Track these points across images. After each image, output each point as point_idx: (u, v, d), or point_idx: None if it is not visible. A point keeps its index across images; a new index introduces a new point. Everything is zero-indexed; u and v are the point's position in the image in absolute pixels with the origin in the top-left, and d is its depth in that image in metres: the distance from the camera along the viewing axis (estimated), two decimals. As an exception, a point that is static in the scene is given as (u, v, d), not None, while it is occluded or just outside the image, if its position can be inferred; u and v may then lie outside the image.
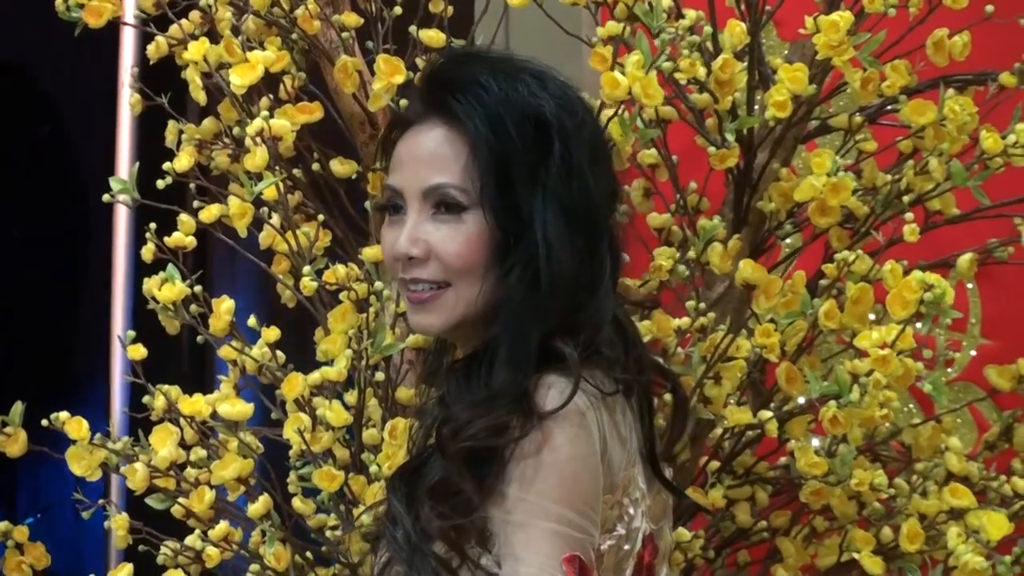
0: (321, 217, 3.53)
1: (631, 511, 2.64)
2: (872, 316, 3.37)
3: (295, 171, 3.52)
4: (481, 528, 2.55)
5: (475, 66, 2.78)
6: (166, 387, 3.41)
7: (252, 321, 3.45)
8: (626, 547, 2.63)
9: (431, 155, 2.69)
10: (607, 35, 3.40)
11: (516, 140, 2.65)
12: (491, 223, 2.64)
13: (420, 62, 3.41)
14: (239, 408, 3.36)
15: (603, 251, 2.72)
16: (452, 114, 2.69)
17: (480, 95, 2.68)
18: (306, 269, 3.40)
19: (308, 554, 3.46)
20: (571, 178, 2.67)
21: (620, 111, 3.27)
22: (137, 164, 3.62)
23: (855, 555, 3.45)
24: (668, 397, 3.06)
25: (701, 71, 3.44)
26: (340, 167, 3.53)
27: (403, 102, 2.88)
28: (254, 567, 3.42)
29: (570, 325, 2.63)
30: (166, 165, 3.53)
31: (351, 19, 3.54)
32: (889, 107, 3.56)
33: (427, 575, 2.59)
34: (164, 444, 3.38)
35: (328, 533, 3.45)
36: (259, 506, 3.40)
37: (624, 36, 3.38)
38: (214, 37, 3.51)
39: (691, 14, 3.46)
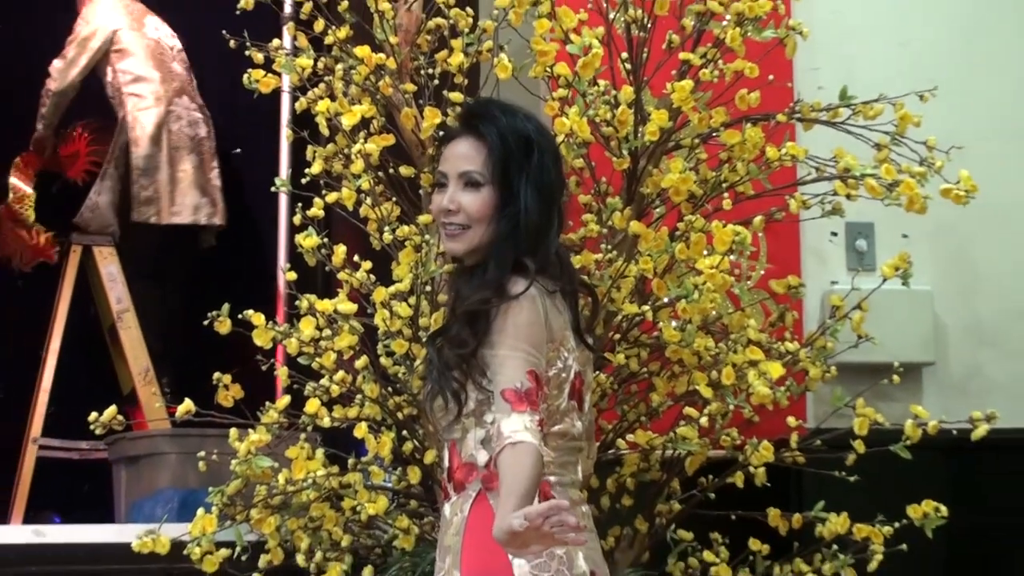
0: (394, 199, 3.54)
1: (565, 355, 2.68)
2: (705, 252, 3.34)
3: (379, 173, 3.51)
4: (481, 364, 2.60)
5: (492, 107, 2.85)
6: (308, 295, 3.41)
7: (356, 257, 3.45)
8: (563, 375, 2.68)
9: (464, 154, 2.75)
10: (558, 96, 3.42)
11: (513, 148, 2.73)
12: (495, 194, 2.72)
13: (450, 112, 3.42)
14: (349, 306, 3.36)
15: (555, 213, 2.78)
16: (478, 132, 2.76)
17: (495, 121, 2.76)
18: (386, 228, 3.43)
19: (388, 388, 3.48)
20: (542, 172, 2.75)
21: (564, 139, 3.30)
22: (289, 169, 3.64)
23: (697, 387, 3.45)
24: (589, 299, 3.11)
25: (609, 115, 3.43)
26: (405, 171, 3.52)
27: (442, 133, 2.91)
28: (358, 397, 3.43)
29: (532, 252, 2.69)
30: (306, 170, 3.55)
31: (410, 87, 3.54)
32: (715, 133, 3.51)
33: (449, 389, 2.64)
34: (308, 327, 3.38)
35: (400, 376, 3.48)
36: (361, 362, 3.42)
37: (567, 97, 3.41)
38: (333, 97, 3.53)
39: (602, 83, 3.46)
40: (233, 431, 3.46)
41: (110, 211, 5.50)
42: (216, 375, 3.43)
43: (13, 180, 5.62)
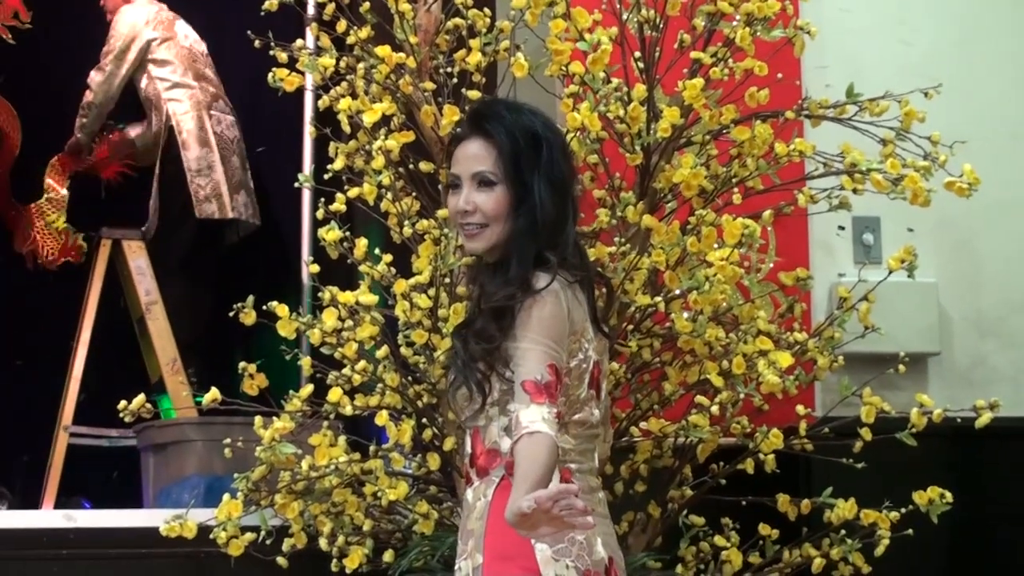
0: (414, 194, 3.54)
1: (585, 346, 2.67)
2: (716, 245, 3.34)
3: (399, 169, 3.51)
4: (505, 355, 2.59)
5: (497, 106, 2.83)
6: (330, 287, 3.42)
7: (377, 251, 3.46)
8: (584, 365, 2.66)
9: (475, 155, 2.71)
10: (570, 93, 3.41)
11: (522, 144, 2.69)
12: (509, 192, 2.68)
13: (467, 109, 3.42)
14: (370, 297, 3.37)
15: (569, 206, 2.75)
16: (486, 132, 2.71)
17: (502, 120, 2.72)
18: (406, 222, 3.43)
19: (409, 377, 3.48)
20: (552, 165, 2.71)
21: (577, 134, 3.30)
22: (312, 165, 3.65)
23: (708, 376, 3.45)
24: (604, 290, 3.10)
25: (621, 111, 3.43)
26: (424, 166, 3.53)
27: (459, 129, 2.90)
28: (379, 386, 3.43)
29: (551, 246, 2.67)
30: (329, 166, 3.56)
31: (429, 85, 3.55)
32: (725, 130, 3.51)
33: (473, 380, 2.63)
34: (330, 318, 3.39)
35: (420, 365, 3.48)
36: (382, 352, 3.42)
37: (579, 93, 3.41)
38: (354, 95, 3.53)
39: (615, 80, 3.47)
40: (258, 419, 3.47)
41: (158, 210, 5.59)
42: (241, 365, 3.43)
43: (49, 181, 5.66)
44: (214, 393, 3.43)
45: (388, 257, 3.44)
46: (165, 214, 5.54)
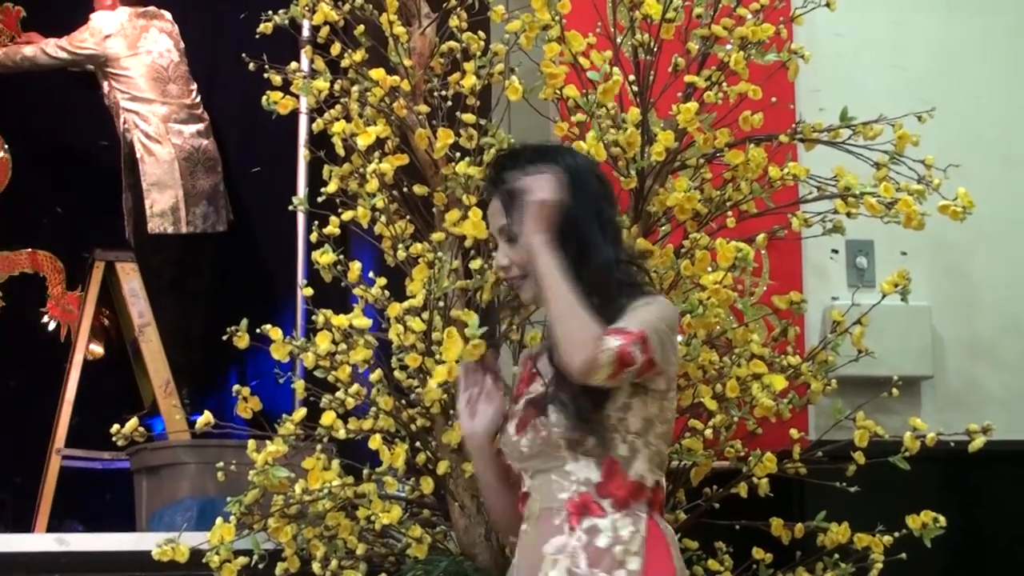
0: (408, 217, 3.53)
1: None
2: (709, 268, 3.35)
3: (394, 192, 3.51)
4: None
5: (502, 160, 2.87)
6: (324, 310, 3.40)
7: (371, 274, 3.45)
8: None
9: (496, 210, 2.76)
10: (578, 122, 3.42)
11: None
12: None
13: (463, 132, 3.43)
14: (364, 321, 3.36)
15: (593, 224, 2.73)
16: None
17: (512, 171, 2.75)
18: (400, 245, 3.43)
19: (402, 401, 3.47)
20: (574, 197, 2.71)
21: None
22: (307, 188, 3.63)
23: (701, 399, 3.44)
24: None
25: (618, 136, 3.43)
26: (418, 189, 3.51)
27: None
28: (373, 409, 3.43)
29: (603, 267, 2.69)
30: (323, 188, 3.55)
31: (423, 108, 3.54)
32: (719, 153, 3.51)
33: (596, 434, 2.63)
34: (324, 342, 3.36)
35: (415, 389, 3.47)
36: (376, 375, 3.41)
37: (584, 122, 3.41)
38: (349, 118, 3.53)
39: (610, 104, 3.47)
40: (251, 442, 3.45)
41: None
42: (235, 388, 3.42)
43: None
44: (207, 416, 3.41)
45: (382, 280, 3.43)
46: (137, 225, 5.57)
